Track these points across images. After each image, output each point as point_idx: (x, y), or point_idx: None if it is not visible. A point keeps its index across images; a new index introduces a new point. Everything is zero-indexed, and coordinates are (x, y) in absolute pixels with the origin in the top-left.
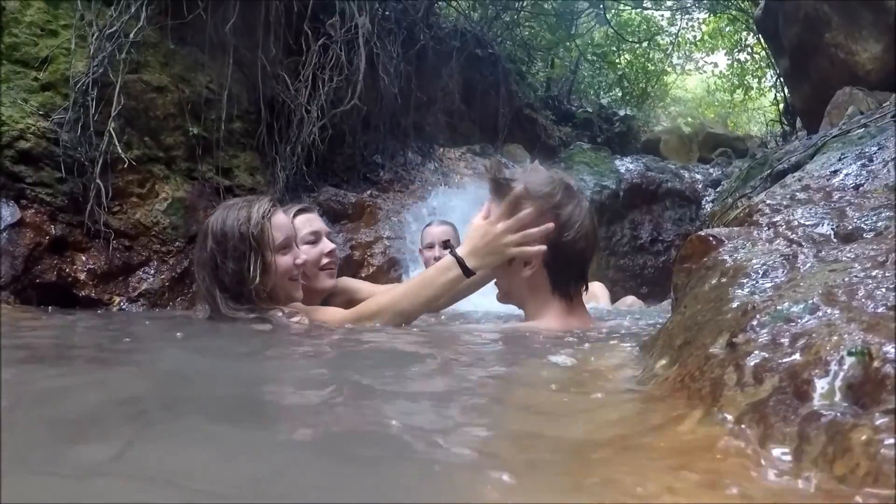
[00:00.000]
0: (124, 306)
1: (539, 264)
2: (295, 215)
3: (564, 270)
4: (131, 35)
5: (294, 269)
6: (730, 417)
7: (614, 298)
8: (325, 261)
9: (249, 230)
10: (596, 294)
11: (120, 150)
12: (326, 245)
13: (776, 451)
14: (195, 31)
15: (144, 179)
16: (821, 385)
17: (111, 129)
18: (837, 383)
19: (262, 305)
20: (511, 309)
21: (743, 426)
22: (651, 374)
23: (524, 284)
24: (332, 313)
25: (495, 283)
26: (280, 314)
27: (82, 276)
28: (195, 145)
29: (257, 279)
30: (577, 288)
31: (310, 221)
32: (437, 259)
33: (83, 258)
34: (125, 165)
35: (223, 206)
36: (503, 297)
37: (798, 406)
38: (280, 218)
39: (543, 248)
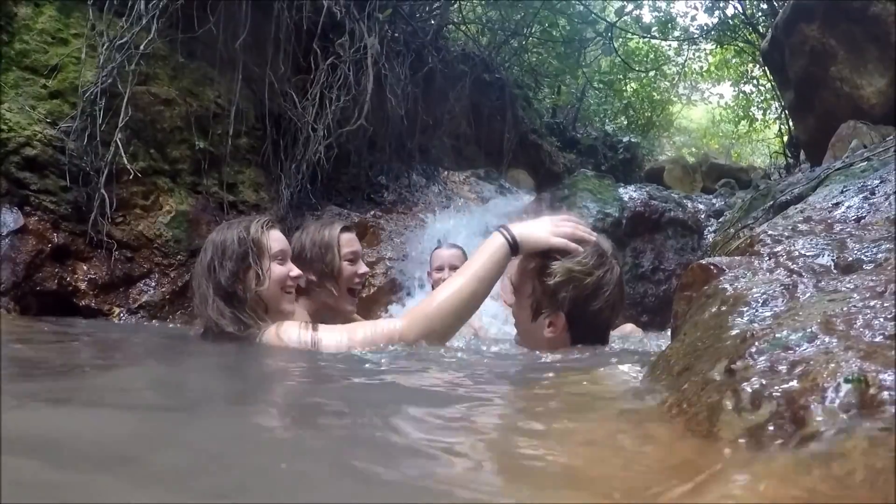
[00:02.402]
0: (123, 317)
1: (562, 329)
2: (341, 231)
3: (586, 334)
4: (141, 47)
5: (288, 279)
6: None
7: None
8: (356, 280)
9: (249, 236)
10: (626, 333)
11: (126, 161)
12: (361, 268)
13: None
14: (205, 45)
15: (149, 191)
16: (817, 411)
17: (118, 140)
18: (834, 409)
19: (251, 314)
20: None
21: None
22: (650, 400)
23: (548, 343)
24: (350, 333)
25: (516, 328)
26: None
27: (83, 286)
28: (201, 159)
29: (255, 281)
30: (598, 346)
31: (350, 242)
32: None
33: (84, 268)
34: (130, 177)
35: (223, 224)
36: (522, 342)
37: (795, 431)
38: (277, 232)
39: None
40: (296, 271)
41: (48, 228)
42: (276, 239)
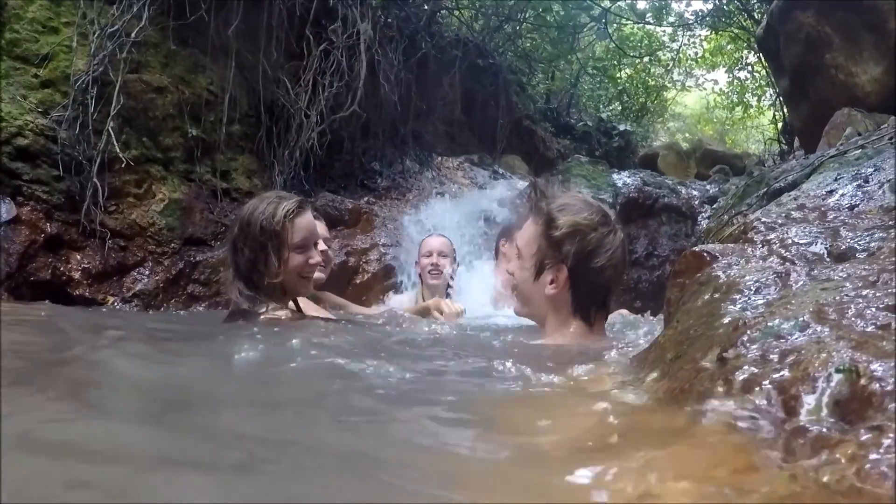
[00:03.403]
0: (118, 307)
1: (563, 284)
2: None
3: (588, 295)
4: (133, 34)
5: (306, 267)
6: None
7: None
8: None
9: (271, 226)
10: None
11: (118, 150)
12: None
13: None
14: (197, 32)
15: (142, 180)
16: (808, 400)
17: (110, 129)
18: (825, 399)
19: (266, 296)
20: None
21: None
22: (642, 387)
23: (546, 301)
24: None
25: (515, 295)
26: (270, 314)
27: (77, 275)
28: (194, 147)
29: (271, 271)
30: (599, 313)
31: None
32: (433, 266)
33: (78, 257)
34: (123, 165)
35: (258, 196)
36: (522, 309)
37: (785, 420)
38: (304, 220)
39: None
40: (315, 258)
41: (41, 218)
42: (300, 227)
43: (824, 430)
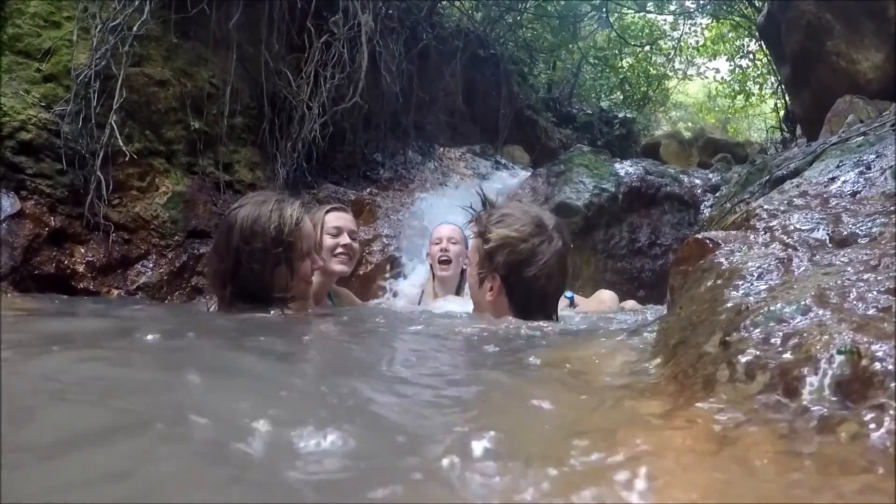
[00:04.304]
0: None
1: (498, 292)
2: (327, 212)
3: (523, 301)
4: (134, 28)
5: (311, 272)
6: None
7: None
8: (339, 250)
9: (285, 237)
10: (603, 300)
11: (121, 143)
12: (344, 239)
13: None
14: (198, 25)
15: (145, 173)
16: (810, 382)
17: (112, 122)
18: (827, 381)
19: (272, 306)
20: None
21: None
22: (646, 372)
23: (489, 306)
24: None
25: (472, 299)
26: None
27: (81, 269)
28: (196, 140)
29: (282, 283)
30: (541, 319)
31: (338, 218)
32: (442, 252)
33: (82, 250)
34: (126, 158)
35: (253, 200)
36: (474, 312)
37: (788, 401)
38: (307, 225)
39: None
40: (318, 262)
41: (45, 212)
42: (304, 236)
43: (825, 411)
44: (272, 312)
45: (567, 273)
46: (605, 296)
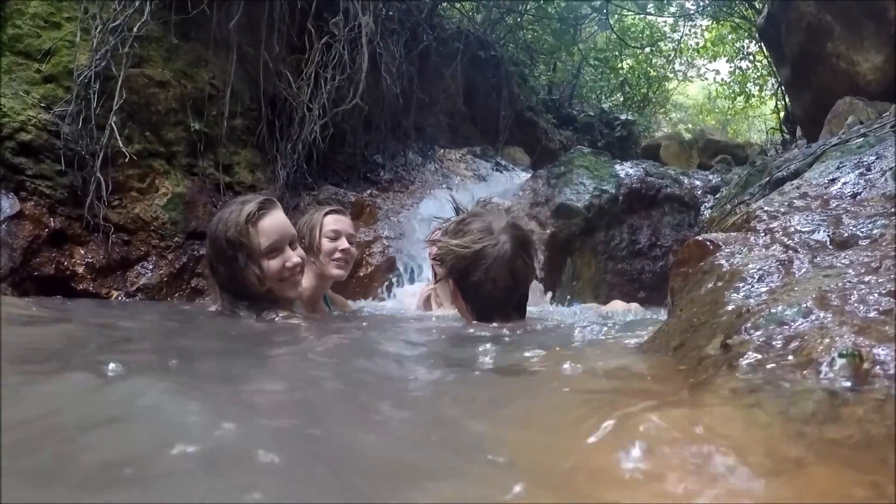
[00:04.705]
0: (122, 300)
1: (455, 294)
2: (326, 215)
3: (480, 305)
4: (135, 29)
5: (284, 271)
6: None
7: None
8: (336, 254)
9: (236, 236)
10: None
11: (121, 144)
12: (342, 243)
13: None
14: (199, 26)
15: (145, 174)
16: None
17: (112, 123)
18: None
19: (260, 303)
20: None
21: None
22: (645, 374)
23: (455, 306)
24: None
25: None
26: (275, 317)
27: (80, 270)
28: (196, 141)
29: (252, 282)
30: (502, 320)
31: (336, 221)
32: None
33: (82, 252)
34: (126, 160)
35: (224, 204)
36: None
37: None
38: (267, 222)
39: None
40: (292, 260)
41: (44, 213)
42: (267, 231)
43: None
44: (265, 314)
45: (521, 277)
46: (619, 305)
